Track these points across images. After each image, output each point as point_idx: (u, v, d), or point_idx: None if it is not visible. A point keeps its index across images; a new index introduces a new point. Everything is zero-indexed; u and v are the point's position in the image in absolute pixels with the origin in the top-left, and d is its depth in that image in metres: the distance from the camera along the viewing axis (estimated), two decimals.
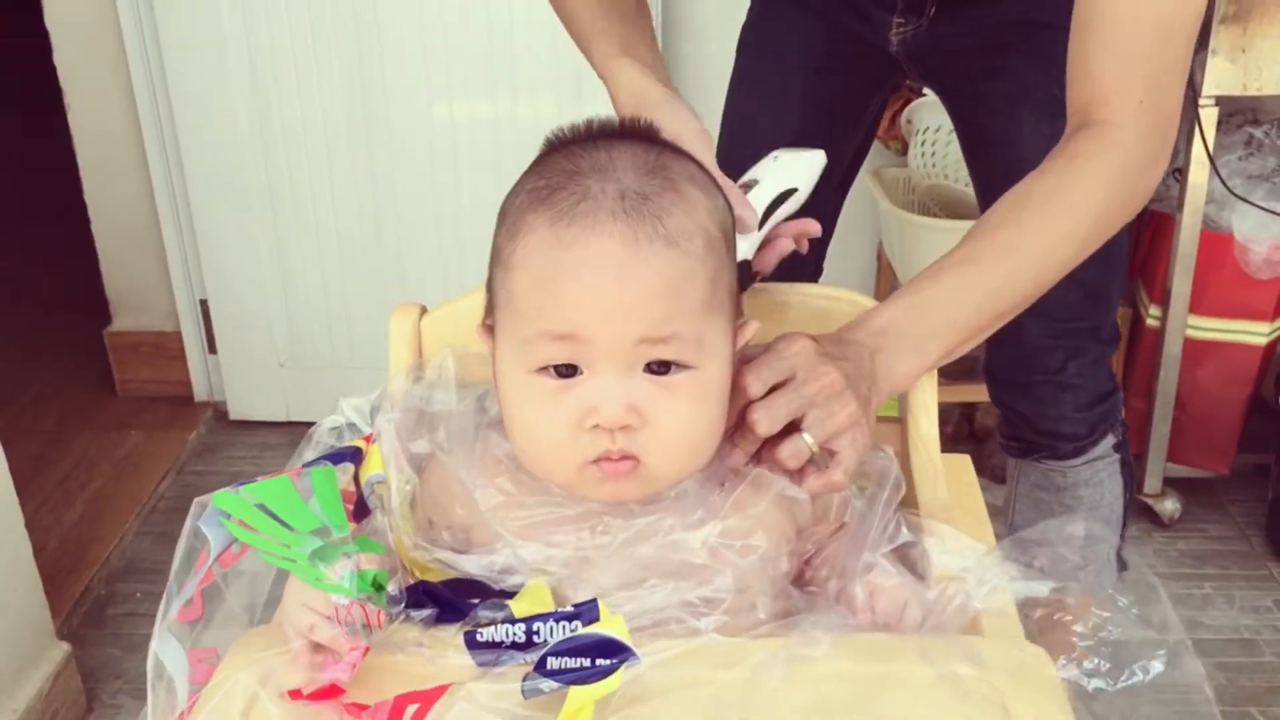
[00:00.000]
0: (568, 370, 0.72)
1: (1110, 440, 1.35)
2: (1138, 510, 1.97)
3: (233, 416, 2.35)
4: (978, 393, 2.12)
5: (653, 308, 0.71)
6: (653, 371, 0.73)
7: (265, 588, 0.75)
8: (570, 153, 0.75)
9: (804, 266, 1.37)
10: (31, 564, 1.58)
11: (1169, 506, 1.99)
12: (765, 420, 0.78)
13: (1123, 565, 0.82)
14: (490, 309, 0.79)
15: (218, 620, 0.73)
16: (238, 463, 2.25)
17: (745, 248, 0.93)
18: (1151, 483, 1.98)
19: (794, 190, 0.98)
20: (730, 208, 0.80)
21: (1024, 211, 0.90)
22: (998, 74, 1.19)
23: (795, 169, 0.99)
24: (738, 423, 0.79)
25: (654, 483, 0.75)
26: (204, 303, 2.29)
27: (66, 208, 2.34)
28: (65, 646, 1.64)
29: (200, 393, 2.38)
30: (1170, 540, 1.98)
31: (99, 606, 1.87)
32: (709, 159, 0.93)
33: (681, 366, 0.73)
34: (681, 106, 0.99)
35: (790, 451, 0.79)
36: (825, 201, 1.34)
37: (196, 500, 0.71)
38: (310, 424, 2.45)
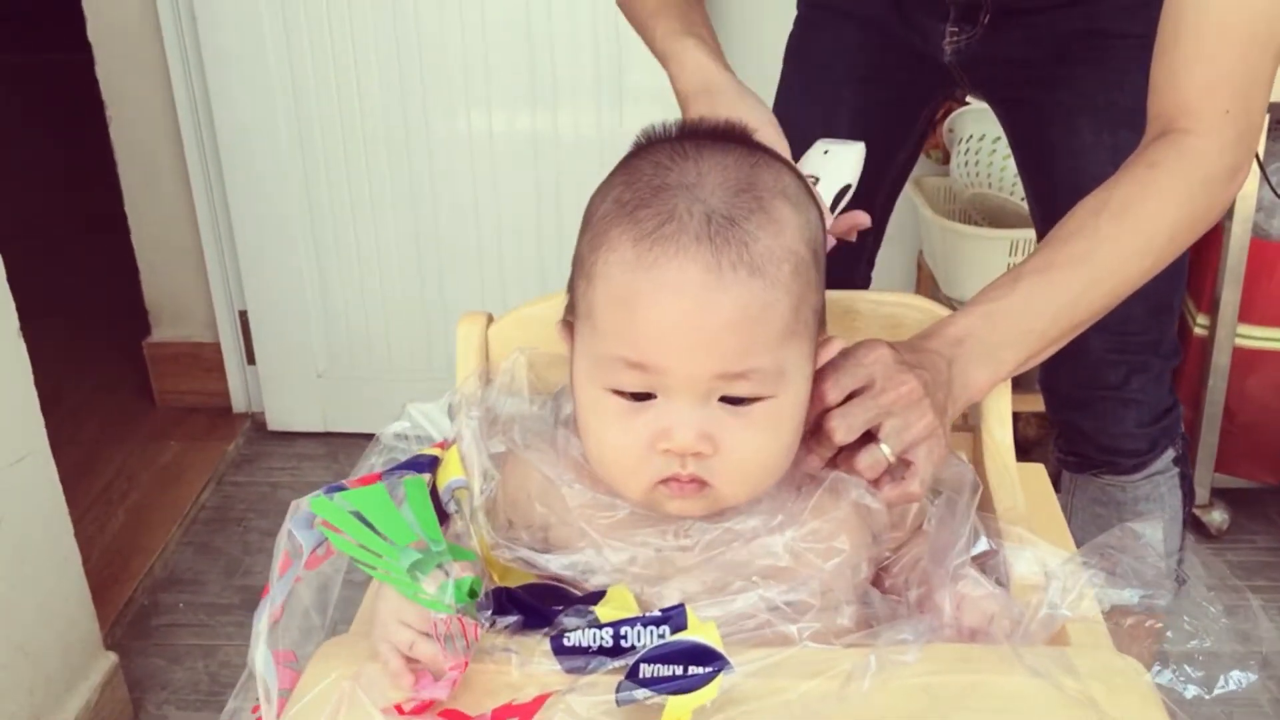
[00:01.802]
0: (642, 394, 0.72)
1: (1170, 454, 1.33)
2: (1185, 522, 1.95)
3: (271, 427, 2.35)
4: (1020, 402, 2.10)
5: (730, 341, 0.70)
6: (728, 402, 0.72)
7: (336, 590, 0.75)
8: (658, 162, 0.74)
9: (853, 277, 1.36)
10: (81, 574, 1.59)
11: (1217, 518, 1.97)
12: (843, 428, 0.77)
13: (1181, 580, 0.81)
14: (571, 308, 0.78)
15: (292, 622, 0.73)
16: (276, 473, 2.25)
17: None
18: (1199, 493, 1.95)
19: (849, 186, 0.97)
20: (822, 217, 0.79)
21: (1101, 220, 0.89)
22: (1056, 84, 1.17)
23: (845, 163, 0.99)
24: (814, 429, 0.78)
25: (721, 503, 0.75)
26: (243, 314, 2.30)
27: (107, 219, 2.35)
28: (112, 657, 1.64)
29: (239, 403, 2.38)
30: (1219, 552, 1.96)
31: (143, 617, 1.87)
32: (780, 149, 0.92)
33: (758, 399, 0.72)
34: (749, 94, 0.97)
35: (868, 463, 0.78)
36: (874, 211, 1.33)
37: (294, 503, 0.71)
38: (349, 435, 2.44)
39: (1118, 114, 1.14)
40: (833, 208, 0.96)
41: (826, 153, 0.99)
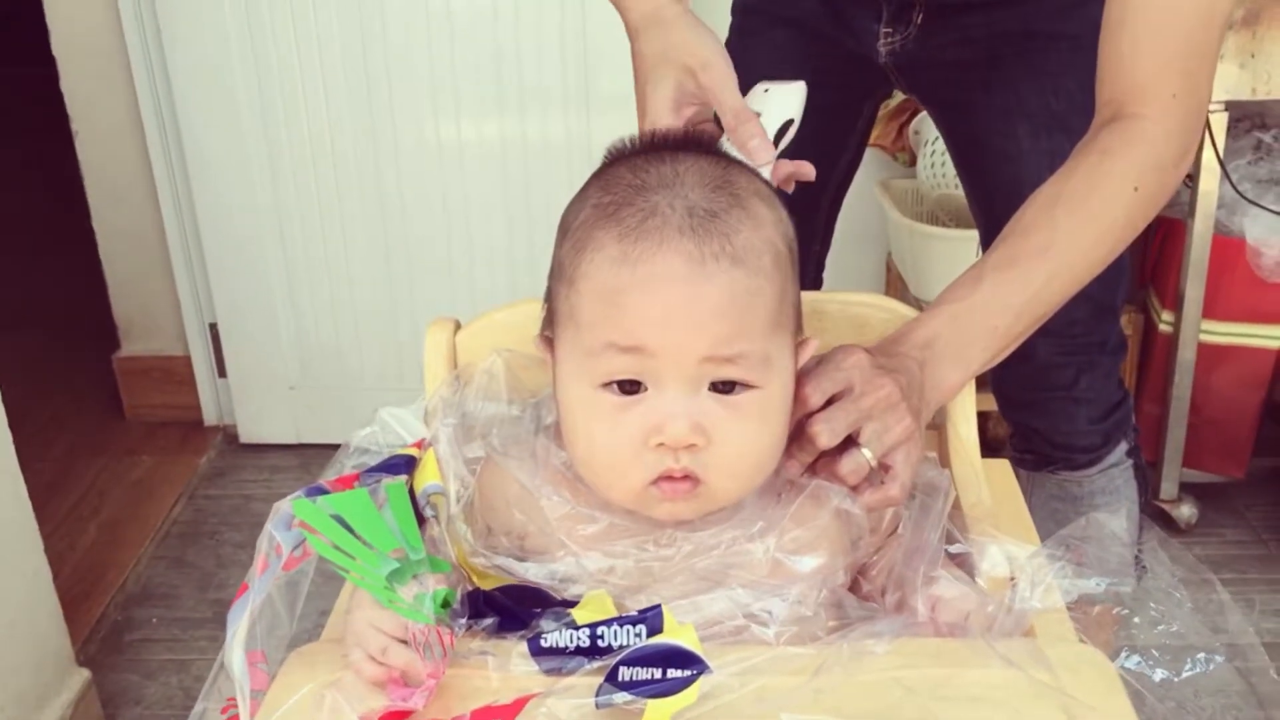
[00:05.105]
0: (632, 387, 0.72)
1: (1123, 446, 1.35)
2: (1154, 516, 1.97)
3: (243, 440, 2.34)
4: (988, 401, 2.12)
5: (718, 326, 0.71)
6: (717, 391, 0.72)
7: (304, 589, 0.74)
8: (635, 166, 0.75)
9: (803, 281, 1.36)
10: (51, 590, 1.57)
11: (1185, 512, 1.99)
12: (826, 433, 0.78)
13: (1142, 569, 0.82)
14: (549, 321, 0.78)
15: (261, 621, 0.72)
16: (249, 486, 2.24)
17: (764, 175, 0.90)
18: (1167, 488, 1.98)
19: (791, 121, 0.97)
20: (792, 221, 0.79)
21: (1058, 212, 0.90)
22: (991, 87, 1.18)
23: (788, 101, 0.98)
24: (794, 434, 0.79)
25: (713, 503, 0.75)
26: (213, 326, 2.29)
27: (74, 234, 2.34)
28: (85, 673, 1.63)
29: (210, 416, 2.37)
30: (1187, 546, 1.97)
31: (116, 632, 1.85)
32: (732, 85, 0.92)
33: (746, 386, 0.73)
34: (701, 26, 0.96)
35: (850, 468, 0.78)
36: (820, 214, 1.35)
37: (275, 505, 0.71)
38: (321, 446, 2.42)
39: (1051, 119, 1.15)
40: (775, 143, 0.95)
41: (767, 91, 0.99)
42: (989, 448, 2.23)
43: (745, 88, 0.95)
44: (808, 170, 0.98)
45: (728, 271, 0.71)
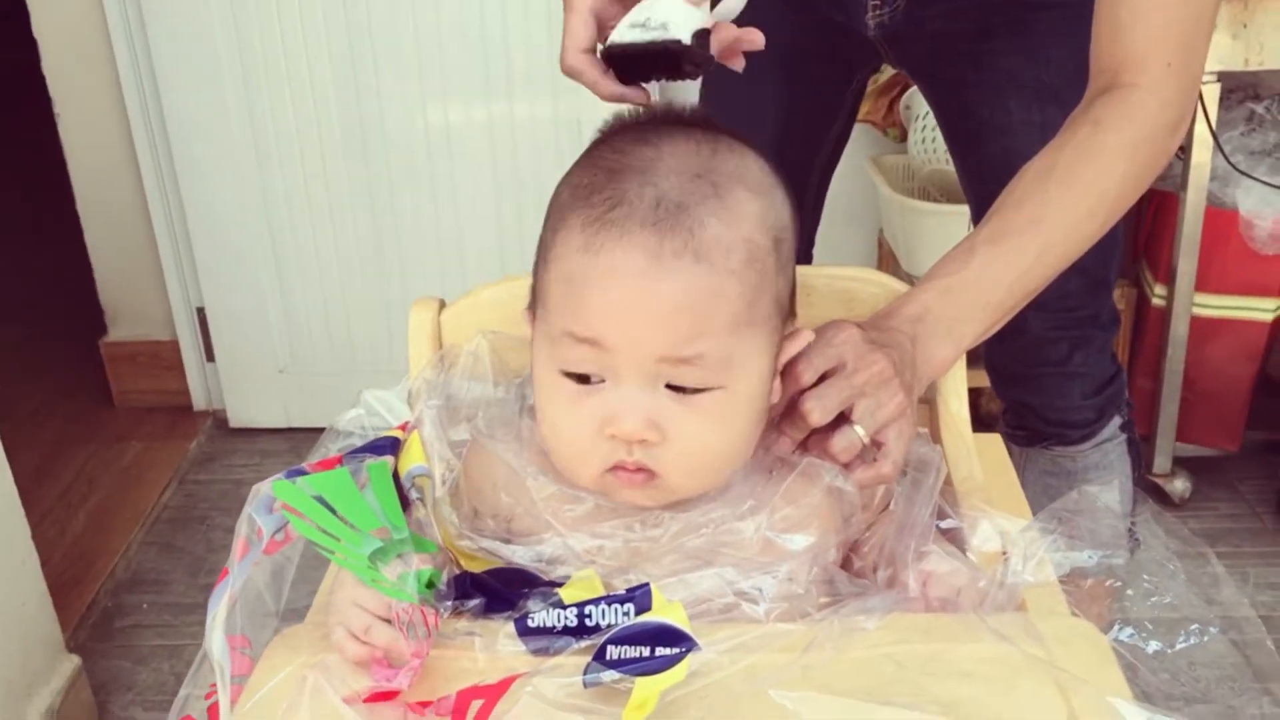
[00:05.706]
0: (589, 377, 0.71)
1: (1117, 421, 1.34)
2: (1147, 490, 1.97)
3: (233, 424, 2.33)
4: (982, 378, 2.12)
5: (675, 326, 0.69)
6: (675, 389, 0.71)
7: (290, 574, 0.73)
8: (617, 147, 0.73)
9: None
10: (40, 577, 1.56)
11: (1179, 486, 1.99)
12: (818, 410, 0.77)
13: (1135, 543, 0.82)
14: (533, 294, 0.77)
15: (245, 607, 0.72)
16: (239, 470, 2.23)
17: (700, 17, 0.84)
18: (1161, 463, 1.97)
19: None
20: (792, 206, 0.77)
21: (1050, 184, 0.89)
22: (981, 60, 1.17)
23: None
24: (787, 410, 0.78)
25: (671, 495, 0.74)
26: (201, 310, 2.27)
27: (59, 219, 2.32)
28: (75, 659, 1.62)
29: (199, 401, 2.36)
30: (1182, 520, 1.98)
31: (106, 618, 1.85)
32: None
33: (706, 387, 0.71)
34: None
35: (843, 445, 0.78)
36: (809, 190, 1.34)
37: (255, 487, 0.69)
38: (311, 430, 2.42)
39: (1043, 91, 1.14)
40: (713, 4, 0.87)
41: None
42: (981, 424, 2.22)
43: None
44: (755, 37, 0.90)
45: (688, 269, 0.69)
